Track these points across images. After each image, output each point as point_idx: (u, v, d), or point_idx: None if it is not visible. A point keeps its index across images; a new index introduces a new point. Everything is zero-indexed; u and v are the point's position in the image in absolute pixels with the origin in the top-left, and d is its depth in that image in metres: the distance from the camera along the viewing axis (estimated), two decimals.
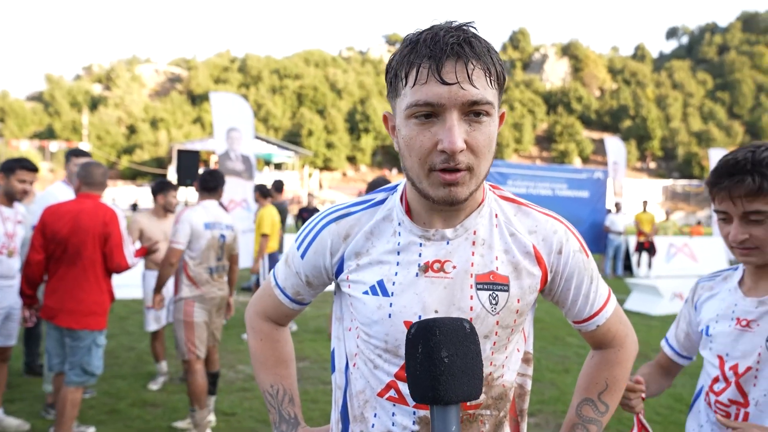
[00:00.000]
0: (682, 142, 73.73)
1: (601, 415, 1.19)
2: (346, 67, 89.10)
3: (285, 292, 1.24)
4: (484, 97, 0.95)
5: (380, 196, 1.16)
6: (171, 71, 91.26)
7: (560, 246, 1.11)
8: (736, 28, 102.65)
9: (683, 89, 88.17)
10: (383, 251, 1.09)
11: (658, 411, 4.41)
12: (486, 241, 1.08)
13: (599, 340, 1.21)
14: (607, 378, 1.21)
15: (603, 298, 1.18)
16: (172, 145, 48.70)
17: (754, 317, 1.44)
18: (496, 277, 1.07)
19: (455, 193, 0.97)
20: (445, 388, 0.79)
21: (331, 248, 1.14)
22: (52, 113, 67.65)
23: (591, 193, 12.47)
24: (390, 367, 1.09)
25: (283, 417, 1.26)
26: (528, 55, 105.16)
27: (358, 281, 1.11)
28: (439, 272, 1.06)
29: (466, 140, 0.95)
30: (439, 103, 0.93)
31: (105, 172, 3.54)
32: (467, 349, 0.81)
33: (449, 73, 0.93)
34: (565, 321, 7.65)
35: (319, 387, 4.82)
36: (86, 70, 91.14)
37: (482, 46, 0.96)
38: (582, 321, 1.18)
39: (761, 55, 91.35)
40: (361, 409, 1.13)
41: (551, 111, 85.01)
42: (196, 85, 76.83)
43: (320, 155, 64.71)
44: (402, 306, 1.06)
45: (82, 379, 3.40)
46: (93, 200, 3.46)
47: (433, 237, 1.07)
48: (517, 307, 1.08)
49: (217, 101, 10.06)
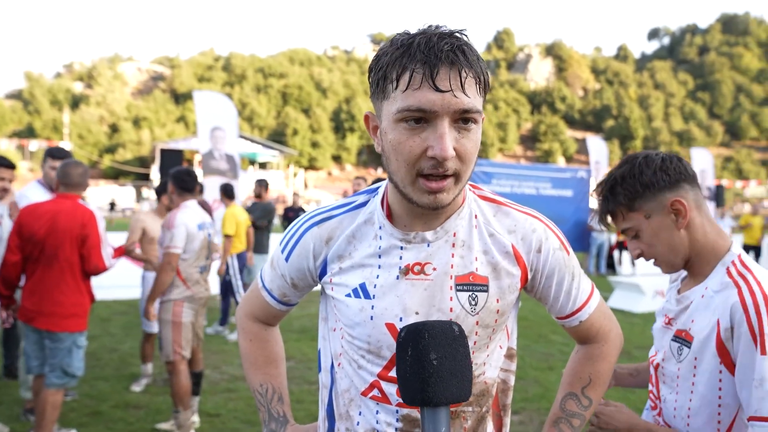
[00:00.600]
0: (664, 142, 74.74)
1: (584, 409, 1.21)
2: (331, 66, 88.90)
3: (272, 294, 1.26)
4: (475, 105, 0.95)
5: (361, 198, 1.18)
6: (154, 69, 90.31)
7: (539, 244, 1.11)
8: (716, 30, 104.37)
9: (665, 89, 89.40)
10: (365, 255, 1.11)
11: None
12: (466, 243, 1.09)
13: (583, 336, 1.22)
14: (591, 373, 1.22)
15: (585, 294, 1.18)
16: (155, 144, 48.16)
17: (674, 315, 1.45)
18: (475, 278, 1.08)
19: (440, 199, 0.98)
20: (433, 390, 0.80)
21: (314, 251, 1.16)
22: (31, 112, 66.52)
23: (575, 192, 12.56)
24: (373, 367, 1.11)
25: (272, 415, 1.27)
26: (512, 55, 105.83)
27: (340, 284, 1.13)
28: (419, 274, 1.07)
29: (455, 147, 0.95)
30: (431, 110, 0.93)
31: (84, 172, 3.47)
32: (456, 351, 0.83)
33: (443, 81, 0.93)
34: (548, 319, 7.71)
35: (304, 387, 4.81)
36: (67, 68, 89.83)
37: (474, 55, 0.96)
38: (565, 317, 1.19)
39: (740, 56, 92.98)
40: (347, 407, 1.15)
41: (535, 111, 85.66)
42: (180, 84, 76.11)
43: (305, 154, 64.51)
44: (383, 308, 1.08)
45: (63, 380, 3.35)
46: (71, 201, 3.40)
47: (413, 240, 1.08)
48: (497, 307, 1.09)
49: (200, 100, 9.98)
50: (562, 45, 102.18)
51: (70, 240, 3.31)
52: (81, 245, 3.36)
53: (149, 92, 78.94)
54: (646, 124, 78.89)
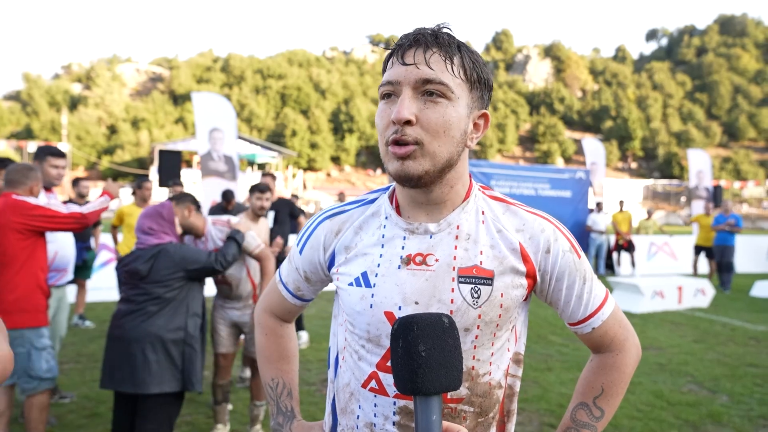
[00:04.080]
0: (662, 143, 74.77)
1: (596, 420, 1.18)
2: (330, 68, 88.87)
3: (287, 288, 1.31)
4: (438, 77, 1.01)
5: (374, 195, 1.23)
6: (152, 71, 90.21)
7: (548, 245, 1.11)
8: (714, 31, 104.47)
9: (663, 90, 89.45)
10: (368, 244, 1.14)
11: (638, 408, 4.46)
12: (471, 236, 1.11)
13: (597, 344, 1.20)
14: (604, 383, 1.19)
15: (599, 300, 1.16)
16: (154, 146, 48.12)
17: None
18: (479, 271, 1.09)
19: (407, 167, 1.02)
20: (422, 380, 0.83)
21: (324, 243, 1.21)
22: (30, 113, 66.38)
23: (573, 193, 12.57)
24: (372, 357, 1.13)
25: (280, 409, 1.31)
26: (511, 56, 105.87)
27: (345, 273, 1.16)
28: (420, 265, 1.09)
29: (417, 116, 1.01)
30: (396, 81, 1.02)
31: (23, 171, 3.34)
32: (444, 343, 0.86)
33: (409, 56, 1.02)
34: (548, 320, 7.72)
35: (303, 388, 4.80)
36: (65, 69, 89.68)
37: (449, 39, 1.04)
38: (577, 323, 1.17)
39: (738, 57, 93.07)
40: (347, 401, 1.18)
41: (534, 111, 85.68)
42: (178, 85, 76.01)
43: (304, 155, 64.44)
44: (383, 297, 1.10)
45: (32, 385, 3.21)
46: (6, 197, 3.26)
47: (417, 230, 1.11)
48: (501, 301, 1.09)
49: (199, 101, 9.97)
50: (561, 46, 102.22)
51: (7, 233, 3.17)
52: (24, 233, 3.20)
53: (148, 93, 78.85)
54: (645, 125, 78.91)
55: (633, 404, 4.54)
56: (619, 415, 4.29)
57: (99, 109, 68.59)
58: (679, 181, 59.63)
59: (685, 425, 4.18)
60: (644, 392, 4.86)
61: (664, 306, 8.73)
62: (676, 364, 5.62)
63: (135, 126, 64.83)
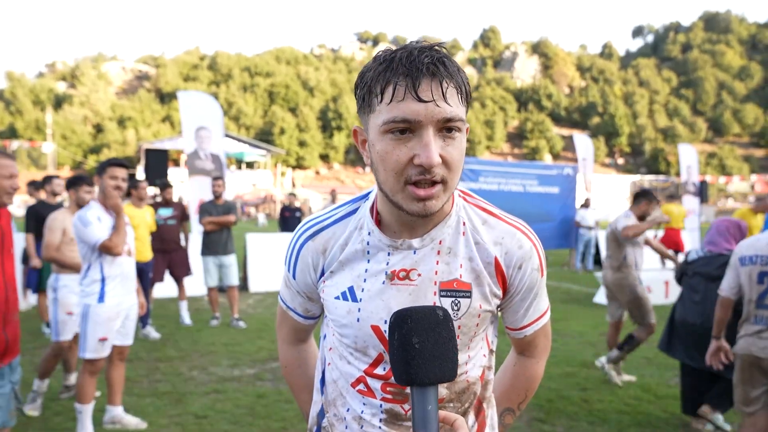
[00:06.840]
0: (648, 139, 75.56)
1: (513, 421, 1.33)
2: (318, 65, 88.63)
3: (296, 311, 1.33)
4: (458, 114, 0.99)
5: (352, 206, 1.22)
6: (139, 69, 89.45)
7: (521, 262, 1.15)
8: (699, 28, 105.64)
9: (649, 87, 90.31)
10: (354, 260, 1.16)
11: (626, 401, 4.50)
12: (452, 250, 1.13)
13: (522, 347, 1.30)
14: (528, 389, 1.31)
15: (539, 312, 1.24)
16: (141, 144, 47.71)
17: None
18: (459, 284, 1.12)
19: (429, 206, 1.02)
20: (416, 371, 0.86)
21: (314, 264, 1.22)
22: (13, 112, 65.56)
23: (561, 189, 12.61)
24: (360, 364, 1.17)
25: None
26: (499, 53, 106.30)
27: (331, 286, 1.19)
28: (404, 280, 1.12)
29: (441, 155, 0.99)
30: (416, 120, 0.97)
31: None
32: (438, 335, 0.88)
33: (425, 91, 0.97)
34: None
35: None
36: (50, 67, 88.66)
37: (454, 66, 1.01)
38: (516, 329, 1.25)
39: (722, 53, 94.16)
40: (335, 395, 1.23)
41: (522, 108, 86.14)
42: (165, 83, 75.50)
43: (293, 153, 64.32)
44: (370, 312, 1.13)
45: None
46: None
47: (400, 247, 1.12)
48: (479, 312, 1.14)
49: (185, 100, 9.91)
50: (548, 43, 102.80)
51: None
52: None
53: (134, 92, 78.22)
54: (631, 121, 79.62)
55: (621, 398, 4.58)
56: (607, 409, 4.31)
57: (84, 107, 67.95)
58: (665, 177, 60.21)
59: (673, 418, 4.22)
60: (632, 386, 4.90)
61: (651, 300, 8.79)
62: (663, 358, 5.67)
63: (121, 125, 64.31)
